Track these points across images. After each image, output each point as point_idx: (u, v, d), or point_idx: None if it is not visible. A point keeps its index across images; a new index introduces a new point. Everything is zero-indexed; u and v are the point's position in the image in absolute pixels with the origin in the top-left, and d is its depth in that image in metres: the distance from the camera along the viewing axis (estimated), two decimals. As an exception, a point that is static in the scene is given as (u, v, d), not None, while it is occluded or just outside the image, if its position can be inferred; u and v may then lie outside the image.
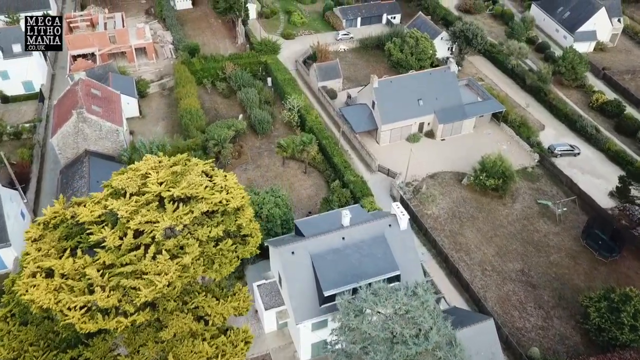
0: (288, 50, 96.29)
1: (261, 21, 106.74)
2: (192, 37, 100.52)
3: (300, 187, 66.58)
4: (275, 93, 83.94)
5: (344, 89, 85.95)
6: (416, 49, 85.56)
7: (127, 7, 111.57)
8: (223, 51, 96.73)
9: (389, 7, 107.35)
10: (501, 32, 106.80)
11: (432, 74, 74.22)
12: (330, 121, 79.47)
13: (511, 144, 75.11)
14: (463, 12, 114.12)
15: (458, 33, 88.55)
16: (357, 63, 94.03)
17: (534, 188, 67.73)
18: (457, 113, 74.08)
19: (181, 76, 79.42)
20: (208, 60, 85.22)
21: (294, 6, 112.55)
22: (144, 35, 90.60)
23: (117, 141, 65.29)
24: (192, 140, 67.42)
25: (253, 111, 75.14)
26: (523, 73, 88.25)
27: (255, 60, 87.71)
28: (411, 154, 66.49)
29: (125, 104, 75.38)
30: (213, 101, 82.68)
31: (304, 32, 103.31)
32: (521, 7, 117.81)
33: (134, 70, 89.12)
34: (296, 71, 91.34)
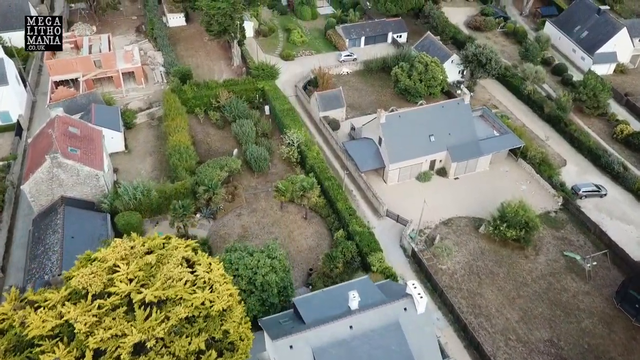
0: (287, 73, 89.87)
1: (259, 40, 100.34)
2: (185, 58, 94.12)
3: (300, 235, 60.10)
4: (273, 123, 77.54)
5: (347, 118, 79.52)
6: (425, 75, 79.11)
7: (117, 24, 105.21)
8: (218, 74, 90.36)
9: (394, 25, 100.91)
10: (514, 52, 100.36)
11: (445, 106, 67.77)
12: (333, 155, 73.02)
13: (531, 183, 68.64)
14: (473, 29, 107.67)
15: (470, 57, 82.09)
16: (362, 88, 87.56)
17: (559, 237, 61.24)
18: (472, 150, 67.65)
19: (170, 107, 72.94)
20: (200, 88, 78.73)
21: (293, 23, 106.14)
22: (132, 58, 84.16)
23: (97, 186, 58.85)
24: (181, 183, 60.98)
25: (249, 147, 68.68)
26: (541, 101, 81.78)
27: (252, 87, 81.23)
28: (424, 205, 59.94)
29: (109, 138, 69.08)
30: (205, 133, 76.22)
31: (304, 52, 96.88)
32: (534, 24, 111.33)
33: (121, 97, 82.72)
34: (296, 97, 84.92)
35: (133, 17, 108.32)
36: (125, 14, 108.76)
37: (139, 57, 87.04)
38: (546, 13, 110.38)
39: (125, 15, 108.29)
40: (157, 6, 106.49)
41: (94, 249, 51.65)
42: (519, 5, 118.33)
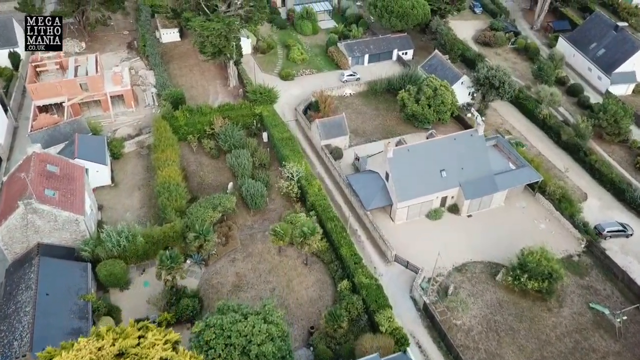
0: (287, 94, 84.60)
1: (257, 57, 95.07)
2: (178, 77, 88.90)
3: (300, 285, 54.80)
4: (271, 151, 72.29)
5: (351, 146, 74.26)
6: (434, 100, 73.82)
7: (108, 39, 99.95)
8: (213, 95, 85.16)
9: (400, 41, 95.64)
10: (526, 70, 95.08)
11: (457, 139, 62.50)
12: (336, 188, 67.73)
13: (550, 221, 63.38)
14: (482, 44, 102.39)
15: (482, 80, 76.79)
16: (365, 112, 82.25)
17: (584, 285, 55.95)
18: (487, 185, 62.38)
19: (161, 136, 67.64)
20: (194, 114, 73.43)
21: (293, 38, 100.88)
22: (121, 81, 78.87)
23: (78, 231, 53.59)
24: (170, 226, 55.71)
25: (245, 181, 63.43)
26: (557, 126, 76.49)
27: (249, 112, 75.98)
28: (438, 257, 54.75)
29: (94, 172, 63.92)
30: (199, 163, 70.95)
31: (304, 71, 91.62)
32: (546, 39, 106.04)
33: (109, 122, 77.51)
34: (296, 122, 79.65)
35: (125, 32, 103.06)
36: (116, 28, 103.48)
37: (129, 78, 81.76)
38: (558, 28, 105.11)
39: (116, 30, 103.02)
40: (150, 20, 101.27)
41: (70, 307, 46.59)
42: (529, 19, 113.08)
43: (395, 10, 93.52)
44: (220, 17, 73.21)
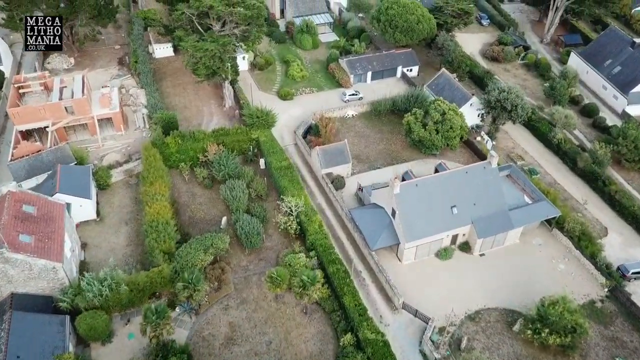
0: (285, 115, 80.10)
1: (254, 74, 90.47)
2: (171, 96, 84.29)
3: (299, 337, 50.14)
4: (268, 179, 67.65)
5: (354, 174, 69.67)
6: (442, 125, 69.18)
7: (98, 55, 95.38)
8: (207, 116, 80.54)
9: (404, 57, 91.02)
10: (537, 87, 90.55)
11: (469, 172, 57.84)
12: (338, 222, 63.05)
13: (569, 261, 58.72)
14: (490, 59, 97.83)
15: (494, 103, 72.14)
16: (369, 135, 77.60)
17: (609, 337, 51.29)
18: (501, 222, 57.75)
19: (150, 166, 62.94)
20: (186, 140, 68.75)
21: (292, 53, 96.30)
22: (109, 103, 74.29)
23: (56, 279, 48.92)
24: (157, 271, 51.03)
25: (239, 217, 58.83)
26: (573, 152, 71.79)
27: (245, 138, 71.33)
28: (452, 313, 50.37)
29: (78, 206, 59.32)
30: (191, 194, 66.31)
31: (304, 90, 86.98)
32: (556, 53, 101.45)
33: (96, 147, 72.93)
34: (295, 146, 75.00)
35: (116, 46, 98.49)
36: (107, 42, 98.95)
37: (118, 99, 77.14)
38: (570, 42, 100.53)
39: (107, 45, 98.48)
40: (142, 34, 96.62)
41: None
42: (539, 31, 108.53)
43: (399, 25, 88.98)
44: (215, 36, 68.56)
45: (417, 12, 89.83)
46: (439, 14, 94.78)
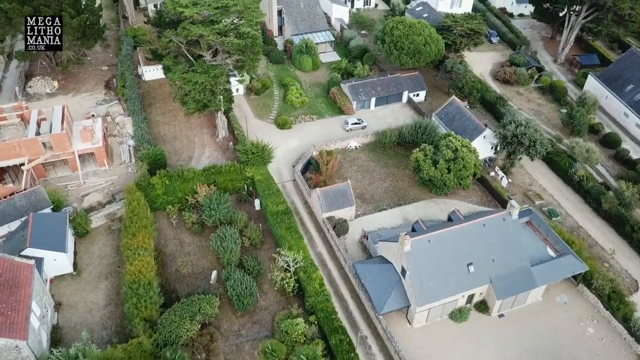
0: (283, 147, 74.24)
1: (250, 99, 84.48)
2: (161, 125, 78.30)
3: (298, 421, 44.20)
4: (264, 223, 61.72)
5: (358, 216, 63.72)
6: (455, 164, 63.19)
7: (84, 77, 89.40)
8: (199, 148, 74.56)
9: (410, 81, 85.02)
10: (553, 113, 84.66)
11: (487, 225, 51.86)
12: (341, 276, 56.97)
13: (599, 323, 52.72)
14: (501, 82, 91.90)
15: (510, 138, 66.16)
16: (373, 169, 71.59)
17: (649, 419, 45.35)
18: (522, 281, 51.80)
19: (133, 213, 56.84)
20: (174, 180, 62.76)
21: (291, 75, 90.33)
22: (92, 137, 68.29)
23: (19, 359, 42.89)
24: (135, 344, 44.96)
25: (231, 274, 52.85)
26: (597, 192, 65.79)
27: (239, 176, 65.40)
28: None
29: (51, 260, 53.37)
30: (179, 241, 60.33)
31: (303, 117, 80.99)
32: (571, 74, 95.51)
33: (77, 185, 66.89)
34: (293, 182, 69.02)
35: (104, 67, 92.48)
36: (94, 63, 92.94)
37: (102, 131, 71.18)
38: (587, 62, 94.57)
39: (94, 65, 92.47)
40: (131, 54, 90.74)
41: None
42: (552, 50, 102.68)
43: (405, 47, 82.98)
44: (205, 66, 62.56)
45: (425, 32, 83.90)
46: (447, 34, 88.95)
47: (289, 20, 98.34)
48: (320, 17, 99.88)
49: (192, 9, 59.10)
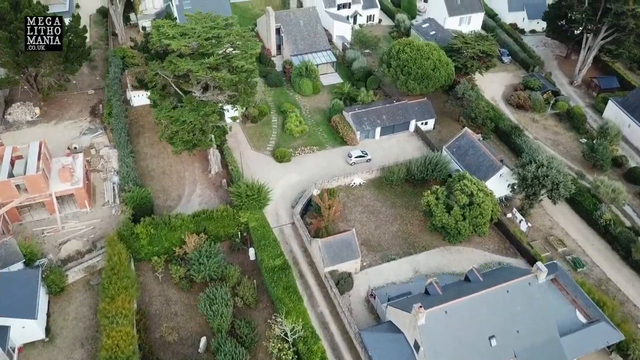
0: (282, 183, 68.49)
1: (246, 128, 78.48)
2: (149, 158, 72.34)
3: None
4: (258, 276, 55.79)
5: (363, 267, 57.76)
6: (470, 211, 57.18)
7: (68, 102, 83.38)
8: (190, 185, 68.58)
9: (418, 109, 79.04)
10: (571, 143, 78.79)
11: (511, 291, 45.94)
12: (344, 341, 50.98)
13: (637, 400, 46.78)
14: (515, 107, 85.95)
15: (531, 180, 60.18)
16: (380, 210, 65.59)
17: None
18: (551, 354, 45.86)
19: (113, 271, 50.76)
20: (160, 228, 56.69)
21: (290, 100, 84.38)
22: (71, 176, 62.22)
23: None
24: None
25: (221, 345, 46.86)
26: (625, 238, 59.86)
27: (232, 222, 59.45)
28: None
29: (20, 327, 47.42)
30: (165, 298, 54.38)
31: (303, 149, 75.01)
32: (589, 98, 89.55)
33: (54, 231, 60.85)
34: (292, 226, 63.05)
35: (90, 90, 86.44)
36: (79, 86, 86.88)
37: (84, 168, 65.15)
38: (606, 86, 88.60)
39: (79, 89, 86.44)
40: (119, 77, 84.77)
41: None
42: (567, 70, 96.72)
43: (413, 72, 76.99)
44: (195, 103, 56.54)
45: (433, 56, 77.88)
46: (456, 56, 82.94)
47: (288, 39, 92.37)
48: (321, 35, 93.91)
49: (180, 40, 53.19)
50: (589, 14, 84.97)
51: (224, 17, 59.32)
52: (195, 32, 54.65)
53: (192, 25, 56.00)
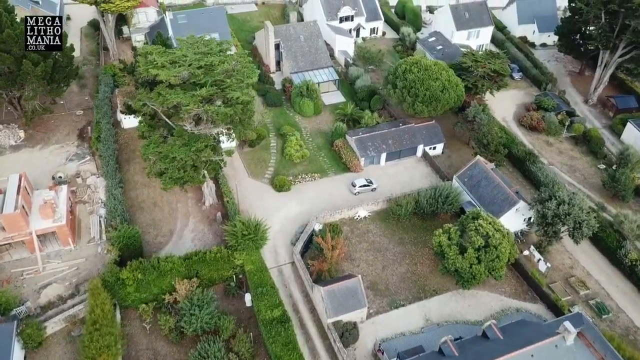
0: (281, 214, 64.08)
1: (243, 153, 73.82)
2: (139, 188, 67.63)
3: None
4: (255, 327, 51.09)
5: (369, 316, 53.08)
6: (486, 254, 52.46)
7: (55, 124, 78.67)
8: (182, 218, 63.96)
9: (426, 132, 74.39)
10: (588, 169, 74.21)
11: (536, 355, 41.27)
12: (350, 402, 46.50)
13: None
14: (527, 129, 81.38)
15: (551, 218, 55.47)
16: (387, 247, 60.93)
17: None
18: None
19: (95, 325, 46.02)
20: (148, 273, 52.00)
21: (290, 122, 79.80)
22: (53, 213, 57.52)
23: None
24: None
25: (214, 413, 42.28)
26: (654, 281, 55.29)
27: (227, 265, 54.77)
28: None
29: (-10, 392, 42.68)
30: (152, 352, 49.68)
31: (304, 176, 70.33)
32: (605, 118, 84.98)
33: (35, 272, 56.20)
34: (292, 265, 58.39)
35: (78, 111, 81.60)
36: (67, 106, 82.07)
37: (69, 200, 60.60)
38: (623, 106, 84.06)
39: (67, 109, 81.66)
40: (110, 97, 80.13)
41: None
42: (580, 87, 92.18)
43: (421, 94, 72.36)
44: (186, 136, 51.79)
45: (442, 76, 73.29)
46: (466, 75, 78.31)
47: (288, 55, 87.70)
48: (322, 51, 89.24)
49: (169, 70, 48.51)
50: (605, 30, 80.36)
51: (218, 42, 54.58)
52: (187, 60, 49.93)
53: (184, 51, 51.27)
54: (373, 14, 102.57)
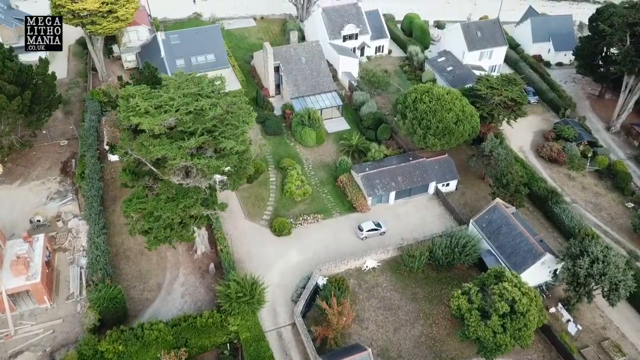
0: (281, 264, 58.32)
1: (240, 190, 67.63)
2: (124, 234, 61.11)
3: None
4: (253, 405, 45.21)
5: (380, 389, 47.17)
6: (512, 322, 46.39)
7: (37, 156, 72.76)
8: (171, 269, 58.00)
9: (438, 167, 68.35)
10: (615, 207, 68.33)
11: None
12: None
13: None
14: (547, 161, 75.33)
15: (583, 278, 49.41)
16: (398, 305, 54.83)
17: None
18: None
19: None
20: (130, 344, 45.97)
21: (290, 153, 73.87)
22: (26, 270, 51.55)
23: None
24: None
25: None
26: (699, 349, 49.23)
27: (220, 332, 48.74)
28: None
29: None
30: None
31: (305, 217, 64.37)
32: (630, 148, 79.01)
33: (7, 336, 50.24)
34: (292, 329, 52.35)
35: (62, 141, 75.56)
36: (51, 135, 76.02)
37: (46, 250, 54.66)
38: (649, 135, 78.01)
39: (50, 139, 75.64)
40: (97, 126, 74.16)
41: None
42: (601, 112, 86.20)
43: (433, 126, 66.35)
44: (173, 191, 45.74)
45: (456, 106, 67.27)
46: (481, 102, 72.30)
47: (288, 79, 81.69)
48: (325, 74, 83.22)
49: (153, 118, 42.46)
50: (631, 53, 74.35)
51: (211, 80, 48.59)
52: (174, 105, 43.93)
53: (171, 93, 45.26)
54: (378, 31, 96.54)
